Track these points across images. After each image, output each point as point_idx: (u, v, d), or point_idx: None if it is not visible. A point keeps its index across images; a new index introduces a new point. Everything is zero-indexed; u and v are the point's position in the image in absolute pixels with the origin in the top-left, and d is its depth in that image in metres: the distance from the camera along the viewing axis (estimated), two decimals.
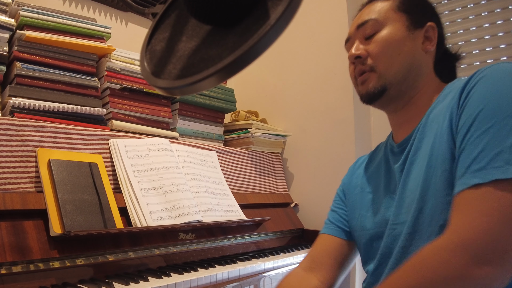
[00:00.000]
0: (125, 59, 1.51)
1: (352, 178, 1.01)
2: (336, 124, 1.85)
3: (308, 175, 1.94)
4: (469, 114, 0.64)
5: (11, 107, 1.19)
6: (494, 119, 0.60)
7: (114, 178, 1.27)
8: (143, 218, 1.20)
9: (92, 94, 1.38)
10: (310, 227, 1.85)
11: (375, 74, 0.82)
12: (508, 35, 1.55)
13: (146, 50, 0.57)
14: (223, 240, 1.42)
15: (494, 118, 0.60)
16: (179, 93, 0.49)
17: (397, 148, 0.84)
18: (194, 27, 0.54)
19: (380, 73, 0.81)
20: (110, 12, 1.82)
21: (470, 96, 0.65)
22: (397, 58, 0.80)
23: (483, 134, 0.60)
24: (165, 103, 1.60)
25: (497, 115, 0.60)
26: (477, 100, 0.63)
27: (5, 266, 0.92)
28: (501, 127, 0.59)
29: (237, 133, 1.89)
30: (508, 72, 0.64)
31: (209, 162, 1.58)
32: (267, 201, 1.76)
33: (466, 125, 0.63)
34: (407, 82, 0.81)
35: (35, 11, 1.30)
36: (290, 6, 0.43)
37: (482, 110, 0.62)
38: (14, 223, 0.99)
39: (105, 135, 1.32)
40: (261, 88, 2.19)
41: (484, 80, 0.65)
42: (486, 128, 0.60)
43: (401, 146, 0.82)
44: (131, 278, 1.01)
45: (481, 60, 1.60)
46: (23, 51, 1.26)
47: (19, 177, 1.07)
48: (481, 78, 0.65)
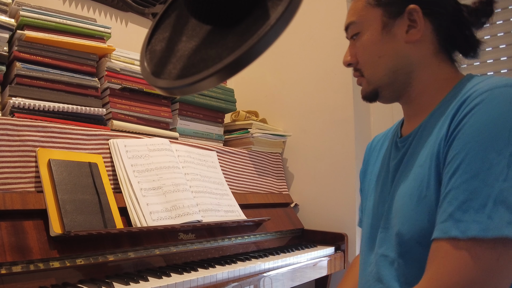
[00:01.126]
0: (125, 59, 1.51)
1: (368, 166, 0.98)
2: (336, 124, 1.85)
3: (308, 175, 1.94)
4: (458, 150, 0.61)
5: (11, 107, 1.19)
6: (483, 165, 0.58)
7: (114, 178, 1.27)
8: (143, 218, 1.20)
9: (92, 94, 1.38)
10: (310, 227, 1.85)
11: (365, 79, 0.81)
12: (508, 35, 1.55)
13: (146, 50, 0.57)
14: (223, 240, 1.42)
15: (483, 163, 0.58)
16: (179, 93, 0.49)
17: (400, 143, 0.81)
18: (194, 27, 0.54)
19: (368, 78, 0.80)
20: (110, 12, 1.82)
21: (461, 128, 0.62)
22: (379, 62, 0.77)
23: (470, 180, 0.58)
24: (165, 103, 1.60)
25: (485, 161, 0.58)
26: (467, 136, 0.61)
27: (5, 266, 0.92)
28: (488, 173, 0.57)
29: (237, 133, 1.89)
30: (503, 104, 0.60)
31: (209, 162, 1.58)
32: (267, 201, 1.76)
33: (454, 162, 0.61)
34: (398, 82, 0.78)
35: (35, 11, 1.30)
36: (290, 6, 0.43)
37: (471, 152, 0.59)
38: (14, 223, 0.99)
39: (105, 135, 1.32)
40: (261, 88, 2.19)
41: (477, 111, 0.62)
42: (473, 174, 0.58)
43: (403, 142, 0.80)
44: (131, 278, 1.01)
45: (481, 60, 1.60)
46: (23, 51, 1.26)
47: (19, 177, 1.07)
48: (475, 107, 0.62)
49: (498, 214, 0.55)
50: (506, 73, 1.55)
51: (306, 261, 1.47)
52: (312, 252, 1.54)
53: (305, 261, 1.47)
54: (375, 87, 0.80)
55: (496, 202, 0.55)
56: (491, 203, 0.55)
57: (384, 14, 0.77)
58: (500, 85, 0.63)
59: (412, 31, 0.75)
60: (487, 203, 0.56)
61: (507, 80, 0.64)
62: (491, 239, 0.55)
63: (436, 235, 0.60)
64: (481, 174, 0.57)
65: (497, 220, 0.55)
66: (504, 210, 0.55)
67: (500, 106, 0.60)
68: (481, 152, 0.59)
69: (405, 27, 0.76)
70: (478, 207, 0.56)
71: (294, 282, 1.40)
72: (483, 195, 0.56)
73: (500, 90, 0.62)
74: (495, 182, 0.56)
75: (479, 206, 0.56)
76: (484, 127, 0.60)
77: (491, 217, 0.55)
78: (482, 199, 0.56)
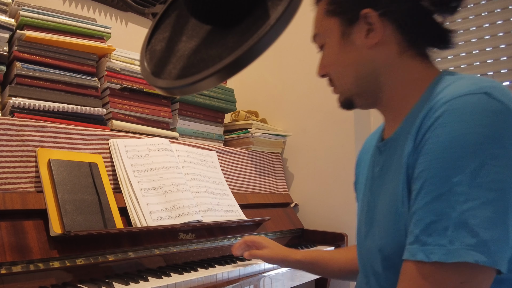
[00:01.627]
0: (125, 59, 1.51)
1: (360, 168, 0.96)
2: (336, 124, 1.85)
3: (308, 175, 1.94)
4: (422, 168, 0.60)
5: (11, 107, 1.19)
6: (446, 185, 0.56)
7: (114, 178, 1.27)
8: (143, 218, 1.20)
9: (92, 94, 1.38)
10: (310, 227, 1.85)
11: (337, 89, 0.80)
12: (508, 35, 1.55)
13: (146, 50, 0.57)
14: (223, 240, 1.42)
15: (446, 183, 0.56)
16: (179, 93, 0.49)
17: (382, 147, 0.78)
18: (194, 27, 0.54)
19: (339, 89, 0.79)
20: (110, 12, 1.82)
21: (425, 143, 0.60)
22: (345, 72, 0.76)
23: (434, 201, 0.57)
24: (165, 103, 1.60)
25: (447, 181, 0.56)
26: (430, 153, 0.59)
27: (5, 266, 0.92)
28: (451, 195, 0.55)
29: (237, 133, 1.89)
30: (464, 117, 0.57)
31: (209, 162, 1.58)
32: (267, 201, 1.76)
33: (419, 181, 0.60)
34: (367, 89, 0.76)
35: (35, 11, 1.30)
36: (290, 6, 0.43)
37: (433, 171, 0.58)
38: (14, 223, 0.99)
39: (105, 135, 1.32)
40: (261, 88, 2.19)
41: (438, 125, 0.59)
42: (435, 195, 0.57)
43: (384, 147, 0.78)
44: (131, 278, 1.01)
45: (481, 60, 1.60)
46: (23, 51, 1.26)
47: (19, 177, 1.07)
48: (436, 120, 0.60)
49: (459, 238, 0.54)
50: (506, 73, 1.55)
51: None
52: None
53: None
54: (347, 96, 0.78)
55: (457, 225, 0.54)
56: (452, 226, 0.54)
57: (341, 23, 0.75)
58: (462, 93, 0.59)
59: (371, 35, 0.72)
60: (449, 227, 0.54)
61: (471, 85, 0.60)
62: (453, 264, 0.54)
63: (405, 256, 0.60)
64: (444, 195, 0.56)
65: (458, 245, 0.53)
66: (465, 233, 0.53)
67: (461, 120, 0.57)
68: (443, 171, 0.57)
69: (364, 32, 0.72)
70: (441, 230, 0.55)
71: (294, 282, 1.40)
72: (445, 218, 0.55)
73: (461, 100, 0.59)
74: (457, 204, 0.55)
75: (442, 229, 0.55)
76: (445, 144, 0.58)
77: (452, 241, 0.54)
78: (444, 222, 0.55)
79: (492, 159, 0.55)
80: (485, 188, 0.54)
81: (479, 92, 0.58)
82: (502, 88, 0.60)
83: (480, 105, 0.57)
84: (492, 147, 0.55)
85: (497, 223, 0.54)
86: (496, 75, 1.57)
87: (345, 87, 0.77)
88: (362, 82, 0.75)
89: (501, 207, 0.54)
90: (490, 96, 0.58)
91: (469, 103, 0.58)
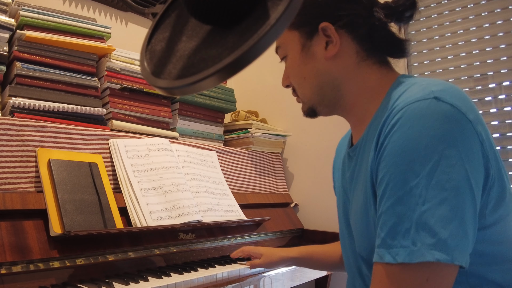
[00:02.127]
0: (125, 59, 1.51)
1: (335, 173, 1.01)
2: (336, 124, 1.85)
3: (308, 175, 1.94)
4: (383, 173, 0.62)
5: (11, 107, 1.19)
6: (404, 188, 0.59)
7: (114, 178, 1.27)
8: (143, 218, 1.20)
9: (92, 94, 1.38)
10: (310, 227, 1.85)
11: (299, 99, 0.83)
12: (508, 35, 1.55)
13: (146, 50, 0.57)
14: (223, 240, 1.42)
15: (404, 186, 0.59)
16: (179, 93, 0.49)
17: (351, 153, 0.81)
18: (194, 27, 0.54)
19: (301, 98, 0.82)
20: (110, 12, 1.82)
21: (384, 149, 0.63)
22: (305, 83, 0.79)
23: (395, 205, 0.59)
24: (165, 103, 1.60)
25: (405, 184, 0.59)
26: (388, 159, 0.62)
27: (5, 266, 0.92)
28: (410, 197, 0.58)
29: (237, 133, 1.89)
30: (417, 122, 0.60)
31: (209, 162, 1.58)
32: (267, 201, 1.76)
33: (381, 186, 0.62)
34: (327, 97, 0.79)
35: (35, 11, 1.30)
36: (290, 6, 0.43)
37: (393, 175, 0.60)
38: (14, 223, 0.99)
39: (105, 135, 1.32)
40: (261, 88, 2.19)
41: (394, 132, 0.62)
42: (396, 199, 0.59)
43: (352, 152, 0.80)
44: (131, 278, 1.01)
45: (481, 60, 1.60)
46: (23, 51, 1.26)
47: (19, 177, 1.07)
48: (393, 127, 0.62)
49: (420, 238, 0.56)
50: (505, 73, 1.55)
51: None
52: None
53: None
54: (309, 105, 0.81)
55: (417, 226, 0.57)
56: (413, 228, 0.57)
57: (301, 36, 0.78)
58: (414, 99, 0.62)
59: (329, 47, 0.75)
60: (411, 228, 0.57)
61: (422, 90, 0.63)
62: (417, 264, 0.56)
63: (374, 259, 0.62)
64: (404, 198, 0.58)
65: (419, 245, 0.56)
66: (425, 234, 0.56)
67: (413, 125, 0.60)
68: (401, 175, 0.59)
69: (323, 43, 0.76)
70: (404, 232, 0.58)
71: (294, 282, 1.40)
72: (407, 220, 0.58)
73: (413, 106, 0.61)
74: (416, 206, 0.57)
75: (405, 231, 0.57)
76: (401, 148, 0.60)
77: (414, 242, 0.56)
78: (406, 224, 0.57)
79: (444, 159, 0.58)
80: (440, 188, 0.57)
81: (429, 97, 0.61)
82: (452, 90, 0.63)
83: (430, 110, 0.60)
84: (443, 148, 0.58)
85: (453, 220, 0.56)
86: (496, 75, 1.57)
87: (307, 97, 0.80)
88: (322, 91, 0.78)
89: (457, 204, 0.57)
90: (439, 99, 0.61)
91: (420, 108, 0.61)
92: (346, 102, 0.78)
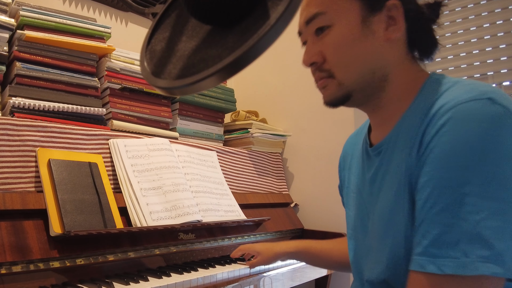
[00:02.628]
0: (125, 59, 1.51)
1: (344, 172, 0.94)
2: (336, 124, 1.85)
3: (308, 175, 1.94)
4: (428, 177, 0.58)
5: (11, 107, 1.19)
6: (454, 195, 0.54)
7: (114, 178, 1.27)
8: (143, 218, 1.20)
9: (92, 94, 1.38)
10: (310, 227, 1.85)
11: (335, 81, 0.70)
12: (508, 35, 1.55)
13: (146, 50, 0.57)
14: (223, 240, 1.42)
15: (454, 193, 0.54)
16: (179, 93, 0.49)
17: (372, 152, 0.75)
18: (194, 27, 0.54)
19: (339, 81, 0.70)
20: (110, 12, 1.82)
21: (430, 152, 0.59)
22: (356, 63, 0.68)
23: (442, 212, 0.55)
24: (165, 103, 1.60)
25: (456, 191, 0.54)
26: (436, 162, 0.57)
27: (5, 266, 0.92)
28: (461, 205, 0.54)
29: (237, 133, 1.89)
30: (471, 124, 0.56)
31: (209, 162, 1.58)
32: (267, 201, 1.76)
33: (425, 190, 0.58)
34: (373, 85, 0.70)
35: (35, 11, 1.30)
36: (290, 6, 0.43)
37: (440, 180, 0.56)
38: (14, 223, 0.99)
39: (105, 135, 1.32)
40: (261, 88, 2.19)
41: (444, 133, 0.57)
42: (444, 206, 0.55)
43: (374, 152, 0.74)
44: (131, 278, 1.01)
45: (481, 60, 1.60)
46: (23, 51, 1.26)
47: (19, 177, 1.07)
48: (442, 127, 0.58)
49: (473, 250, 0.52)
50: (505, 73, 1.55)
51: None
52: None
53: None
54: (349, 90, 0.70)
55: (471, 237, 0.53)
56: (465, 239, 0.53)
57: (363, 7, 0.68)
58: (466, 99, 0.58)
59: (390, 29, 0.68)
60: (461, 238, 0.53)
61: (472, 90, 0.59)
62: (469, 277, 0.53)
63: (413, 267, 0.58)
64: (453, 206, 0.54)
65: (473, 257, 0.52)
66: (479, 245, 0.52)
67: (468, 127, 0.56)
68: (451, 180, 0.55)
69: (383, 23, 0.68)
70: (452, 243, 0.54)
71: (294, 282, 1.40)
72: (456, 230, 0.54)
73: (466, 106, 0.57)
74: (468, 215, 0.53)
75: (454, 241, 0.54)
76: (452, 152, 0.56)
77: (467, 254, 0.53)
78: (456, 234, 0.54)
79: (499, 167, 0.54)
80: (494, 198, 0.53)
81: (482, 98, 0.57)
82: (502, 93, 0.60)
83: (484, 111, 0.56)
84: (499, 155, 0.54)
85: (508, 233, 0.53)
86: (496, 75, 1.57)
87: (352, 78, 0.69)
88: (371, 77, 0.69)
89: (511, 216, 0.53)
90: (494, 101, 0.57)
91: (473, 109, 0.57)
92: (384, 95, 0.71)
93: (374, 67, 0.69)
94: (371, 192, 0.74)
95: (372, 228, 0.73)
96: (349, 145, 0.95)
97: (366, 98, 0.72)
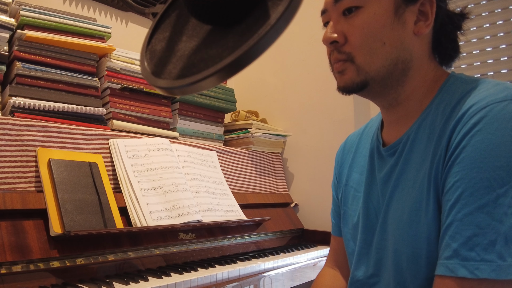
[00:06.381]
0: (125, 59, 1.51)
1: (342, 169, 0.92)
2: (336, 124, 1.85)
3: (308, 175, 1.94)
4: (458, 177, 0.56)
5: (11, 106, 1.19)
6: (489, 196, 0.53)
7: (114, 178, 1.27)
8: (143, 218, 1.20)
9: (92, 94, 1.38)
10: (310, 227, 1.85)
11: (354, 66, 0.67)
12: (508, 35, 1.55)
13: (146, 49, 0.57)
14: (223, 240, 1.42)
15: (489, 194, 0.53)
16: (179, 93, 0.49)
17: (385, 152, 0.73)
18: (194, 27, 0.54)
19: (359, 66, 0.67)
20: (110, 12, 1.82)
21: (461, 151, 0.57)
22: (381, 49, 0.66)
23: (475, 213, 0.53)
24: (165, 103, 1.60)
25: (491, 191, 0.53)
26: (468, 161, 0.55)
27: (5, 266, 0.92)
28: (495, 206, 0.52)
29: (237, 133, 1.89)
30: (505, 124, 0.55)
31: (209, 162, 1.58)
32: (267, 201, 1.76)
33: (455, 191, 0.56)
34: (392, 77, 0.68)
35: (35, 11, 1.30)
36: (290, 6, 0.43)
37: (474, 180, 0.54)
38: (14, 223, 0.99)
39: (105, 135, 1.32)
40: (261, 88, 2.19)
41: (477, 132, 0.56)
42: (477, 206, 0.53)
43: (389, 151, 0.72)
44: (131, 278, 1.01)
45: (481, 60, 1.60)
46: (23, 51, 1.26)
47: (19, 177, 1.07)
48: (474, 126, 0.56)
49: (510, 253, 0.51)
50: (506, 73, 1.55)
51: (306, 261, 1.47)
52: (312, 252, 1.54)
53: (305, 261, 1.47)
54: (367, 78, 0.67)
55: (507, 239, 0.51)
56: (501, 241, 0.51)
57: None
58: (498, 98, 0.57)
59: (419, 24, 0.67)
60: (497, 241, 0.51)
61: (504, 90, 0.58)
62: (504, 281, 0.51)
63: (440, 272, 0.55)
64: (487, 207, 0.52)
65: (510, 261, 0.50)
66: None
67: (502, 127, 0.54)
68: (485, 181, 0.53)
69: (414, 16, 0.66)
70: (486, 245, 0.51)
71: (294, 282, 1.40)
72: (491, 231, 0.51)
73: (501, 106, 0.56)
74: (504, 217, 0.51)
75: (488, 243, 0.51)
76: (486, 152, 0.54)
77: (503, 257, 0.50)
78: (490, 236, 0.51)
79: None
80: None
81: None
82: None
83: None
84: None
85: None
86: (496, 75, 1.57)
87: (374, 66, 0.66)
88: (394, 68, 0.67)
89: None
90: None
91: (509, 109, 0.56)
92: (404, 90, 0.69)
93: (398, 58, 0.67)
94: (383, 192, 0.72)
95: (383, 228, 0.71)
96: (350, 142, 0.93)
97: (382, 90, 0.69)
